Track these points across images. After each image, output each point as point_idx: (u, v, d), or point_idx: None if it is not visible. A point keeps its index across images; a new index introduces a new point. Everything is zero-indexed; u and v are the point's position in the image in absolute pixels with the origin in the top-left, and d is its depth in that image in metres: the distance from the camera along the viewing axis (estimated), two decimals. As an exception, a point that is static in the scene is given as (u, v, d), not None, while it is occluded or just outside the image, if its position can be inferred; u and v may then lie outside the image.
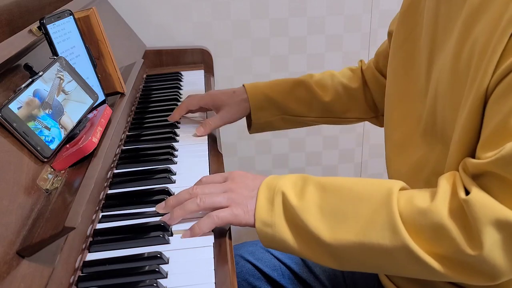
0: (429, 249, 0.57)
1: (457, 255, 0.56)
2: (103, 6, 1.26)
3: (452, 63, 0.63)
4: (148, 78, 1.32)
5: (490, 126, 0.56)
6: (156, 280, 0.57)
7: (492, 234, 0.53)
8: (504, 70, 0.54)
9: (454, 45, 0.62)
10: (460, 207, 0.56)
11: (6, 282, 0.47)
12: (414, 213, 0.58)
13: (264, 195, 0.66)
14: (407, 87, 0.77)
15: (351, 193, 0.63)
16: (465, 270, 0.57)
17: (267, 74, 1.56)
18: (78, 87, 0.77)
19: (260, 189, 0.67)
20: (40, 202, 0.59)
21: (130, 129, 0.99)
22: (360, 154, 1.74)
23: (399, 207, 0.59)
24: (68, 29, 0.81)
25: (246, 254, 0.91)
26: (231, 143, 1.62)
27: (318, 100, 1.00)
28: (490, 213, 0.53)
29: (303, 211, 0.62)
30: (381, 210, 0.59)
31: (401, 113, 0.78)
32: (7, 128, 0.61)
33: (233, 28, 1.49)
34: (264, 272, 0.89)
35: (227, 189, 0.68)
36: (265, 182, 0.67)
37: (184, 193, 0.69)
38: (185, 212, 0.67)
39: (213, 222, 0.65)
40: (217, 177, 0.72)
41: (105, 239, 0.66)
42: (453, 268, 0.57)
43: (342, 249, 0.61)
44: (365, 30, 1.56)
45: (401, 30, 0.79)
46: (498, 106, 0.55)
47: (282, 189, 0.65)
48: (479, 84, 0.56)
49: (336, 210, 0.62)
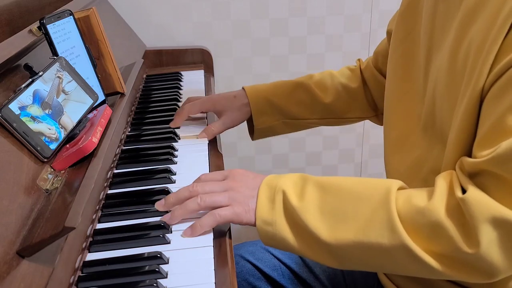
0: (427, 248, 0.58)
1: (454, 253, 0.57)
2: (103, 6, 1.26)
3: (449, 63, 0.63)
4: (148, 78, 1.32)
5: (486, 125, 0.56)
6: (156, 280, 0.57)
7: (489, 232, 0.54)
8: (499, 70, 0.54)
9: (451, 45, 0.63)
10: (457, 205, 0.57)
11: (6, 282, 0.47)
12: (412, 212, 0.59)
13: (265, 194, 0.66)
14: (406, 87, 0.77)
15: (350, 193, 0.63)
16: (463, 268, 0.57)
17: (267, 74, 1.56)
18: (78, 87, 0.77)
19: (260, 188, 0.67)
20: (40, 202, 0.59)
21: (130, 129, 0.99)
22: (360, 154, 1.74)
23: (397, 206, 0.59)
24: (68, 29, 0.81)
25: (246, 254, 0.91)
26: (231, 143, 1.62)
27: (319, 102, 1.00)
28: (486, 211, 0.54)
29: (303, 211, 0.63)
30: (380, 210, 0.60)
31: (400, 112, 0.78)
32: (7, 128, 0.61)
33: (233, 28, 1.49)
34: (264, 272, 0.89)
35: (227, 188, 0.68)
36: (265, 181, 0.67)
37: (184, 191, 0.69)
38: (186, 211, 0.67)
39: (215, 220, 0.65)
40: (216, 174, 0.72)
41: (105, 239, 0.66)
42: (451, 266, 0.58)
43: (342, 249, 0.61)
44: (365, 30, 1.56)
45: (400, 30, 0.79)
46: (493, 105, 0.55)
47: (283, 188, 0.65)
48: (475, 83, 0.57)
49: (335, 210, 0.62)
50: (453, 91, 0.62)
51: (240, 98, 0.99)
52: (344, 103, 1.00)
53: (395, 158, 0.78)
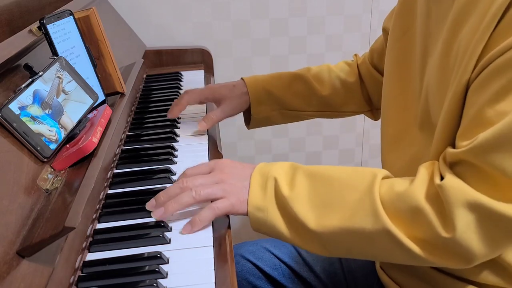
0: (409, 233, 0.60)
1: (434, 238, 0.59)
2: (103, 6, 1.26)
3: (441, 62, 0.64)
4: (148, 78, 1.32)
5: (468, 116, 0.58)
6: (156, 280, 0.57)
7: (464, 216, 0.56)
8: (484, 63, 0.55)
9: (443, 44, 0.64)
10: (436, 192, 0.59)
11: (6, 282, 0.47)
12: (394, 198, 0.61)
13: (257, 182, 0.67)
14: (403, 85, 0.78)
15: (338, 181, 0.65)
16: (443, 253, 0.59)
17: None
18: (78, 87, 0.77)
19: (252, 176, 0.68)
20: (40, 202, 0.59)
21: (130, 129, 0.99)
22: (360, 154, 1.74)
23: (380, 193, 0.62)
24: (68, 29, 0.81)
25: (246, 253, 0.91)
26: (231, 143, 1.62)
27: (316, 94, 1.01)
28: (461, 196, 0.56)
29: (293, 200, 0.64)
30: (364, 197, 0.62)
31: (397, 109, 0.79)
32: (7, 128, 0.61)
33: (233, 28, 1.49)
34: (265, 271, 0.89)
35: (218, 180, 0.68)
36: (257, 169, 0.69)
37: (175, 188, 0.68)
38: (180, 205, 0.66)
39: (214, 213, 0.66)
40: (202, 167, 0.72)
41: (105, 239, 0.66)
42: (432, 252, 0.60)
43: (329, 236, 0.63)
44: (365, 30, 1.56)
45: (396, 29, 0.80)
46: (475, 97, 0.57)
47: (274, 175, 0.67)
48: (460, 77, 0.58)
49: (323, 199, 0.64)
50: (443, 89, 0.63)
51: (240, 87, 0.99)
52: (341, 97, 1.02)
53: (392, 156, 0.79)
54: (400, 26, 0.79)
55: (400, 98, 0.78)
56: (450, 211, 0.56)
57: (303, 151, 1.69)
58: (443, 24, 0.65)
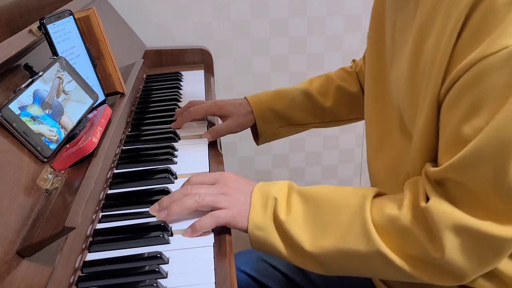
0: (401, 253, 0.62)
1: (425, 258, 0.60)
2: (103, 6, 1.26)
3: (409, 73, 0.65)
4: (148, 78, 1.32)
5: (445, 135, 0.59)
6: (156, 280, 0.57)
7: (451, 239, 0.57)
8: (451, 80, 0.56)
9: (410, 55, 0.65)
10: (423, 215, 0.60)
11: (6, 282, 0.47)
12: (385, 220, 0.62)
13: (258, 200, 0.68)
14: (379, 88, 0.79)
15: (330, 203, 0.67)
16: (435, 272, 0.61)
17: (267, 74, 1.56)
18: (78, 87, 0.77)
19: (253, 194, 0.69)
20: (40, 202, 0.59)
21: (130, 129, 0.99)
22: (360, 154, 1.74)
23: (372, 214, 0.63)
24: (68, 29, 0.81)
25: (241, 265, 0.91)
26: (231, 143, 1.62)
27: (320, 107, 1.02)
28: (447, 219, 0.57)
29: (289, 223, 0.66)
30: (356, 218, 0.63)
31: (377, 113, 0.81)
32: (7, 128, 0.61)
33: (233, 28, 1.49)
34: (261, 282, 0.89)
35: (222, 192, 0.70)
36: (257, 188, 0.70)
37: (178, 194, 0.69)
38: (183, 208, 0.67)
39: (215, 221, 0.66)
40: (207, 177, 0.73)
41: (105, 239, 0.66)
42: (424, 270, 0.61)
43: (324, 256, 0.65)
44: (365, 30, 1.55)
45: (371, 34, 0.82)
46: (448, 116, 0.58)
47: (274, 195, 0.68)
48: (432, 92, 0.59)
49: (317, 220, 0.66)
50: (413, 99, 0.64)
51: (245, 105, 1.01)
52: (344, 107, 1.03)
53: (377, 158, 0.80)
54: (373, 33, 0.81)
55: (379, 102, 0.80)
56: (438, 233, 0.58)
57: (303, 151, 1.69)
58: (406, 33, 0.66)
